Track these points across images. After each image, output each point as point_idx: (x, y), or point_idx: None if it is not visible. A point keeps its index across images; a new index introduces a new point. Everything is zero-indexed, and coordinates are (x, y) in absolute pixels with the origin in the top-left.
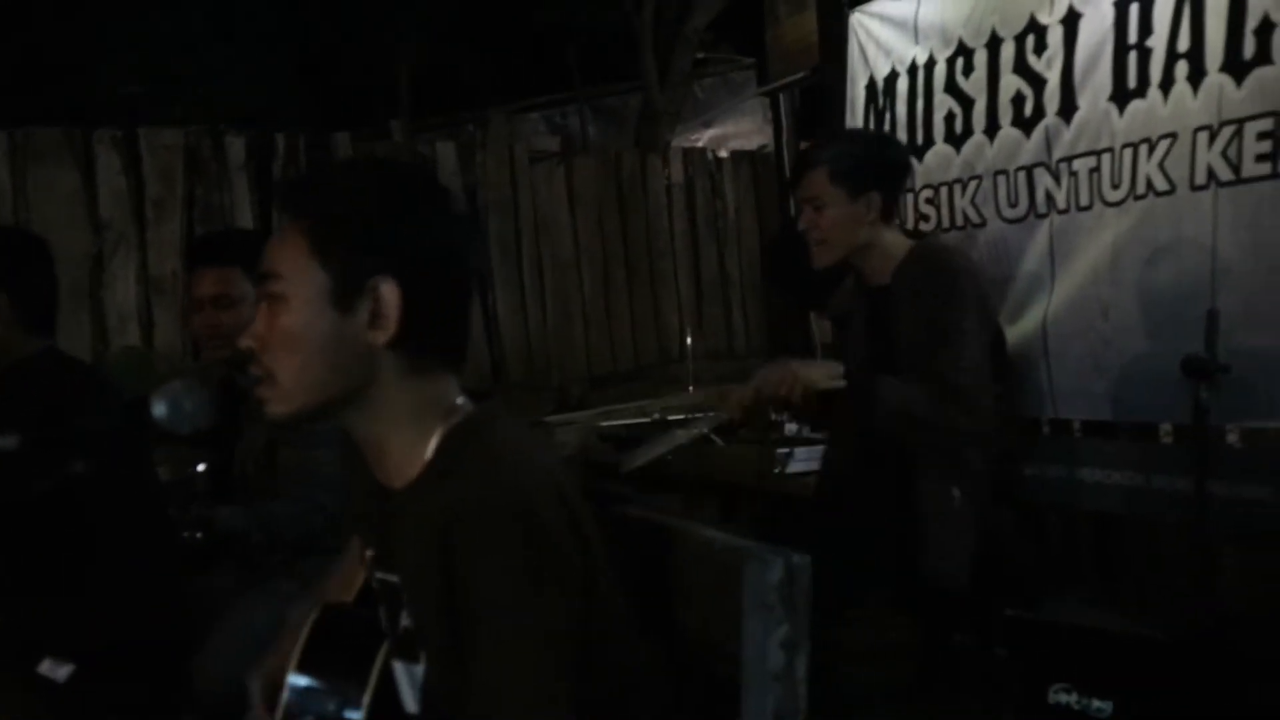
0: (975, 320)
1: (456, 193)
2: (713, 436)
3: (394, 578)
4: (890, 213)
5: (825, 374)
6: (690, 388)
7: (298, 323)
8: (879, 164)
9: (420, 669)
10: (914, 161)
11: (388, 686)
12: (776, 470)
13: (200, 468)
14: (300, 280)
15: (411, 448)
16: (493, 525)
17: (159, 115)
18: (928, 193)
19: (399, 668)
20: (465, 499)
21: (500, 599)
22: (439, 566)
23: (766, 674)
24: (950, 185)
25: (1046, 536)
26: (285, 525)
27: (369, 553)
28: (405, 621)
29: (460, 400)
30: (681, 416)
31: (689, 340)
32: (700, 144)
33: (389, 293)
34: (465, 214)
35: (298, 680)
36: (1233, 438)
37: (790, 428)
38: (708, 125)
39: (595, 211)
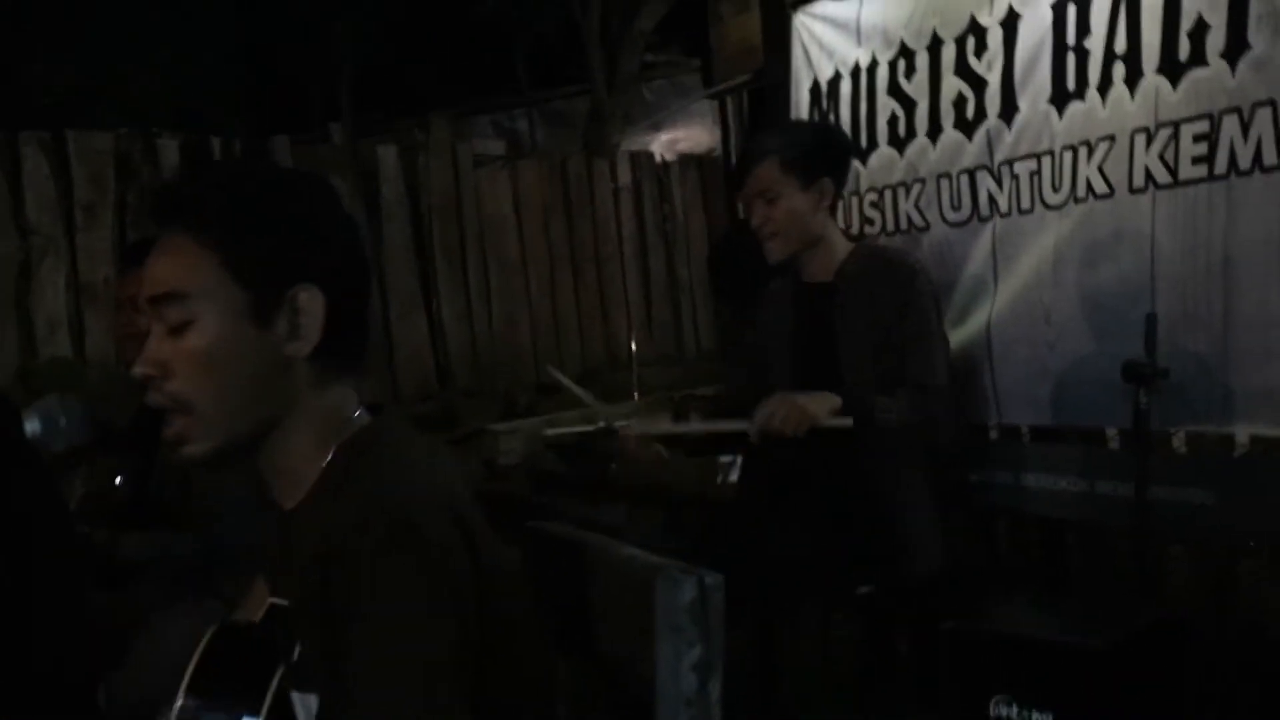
0: (937, 320)
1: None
2: (660, 447)
3: (285, 602)
4: (834, 204)
5: (826, 408)
6: (635, 394)
7: (214, 344)
8: (828, 150)
9: (314, 700)
10: (858, 165)
11: (285, 716)
12: (719, 479)
13: (119, 480)
14: (212, 299)
15: (306, 464)
16: (374, 547)
17: (89, 118)
18: (872, 196)
19: (295, 698)
20: (346, 519)
21: (381, 626)
22: (320, 591)
23: (679, 698)
24: (894, 188)
25: (993, 542)
26: (185, 562)
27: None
28: (299, 648)
29: (357, 413)
30: (627, 423)
31: (634, 346)
32: (650, 147)
33: (311, 301)
34: (352, 218)
35: (187, 703)
36: (1177, 442)
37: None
38: (656, 128)
39: (541, 215)
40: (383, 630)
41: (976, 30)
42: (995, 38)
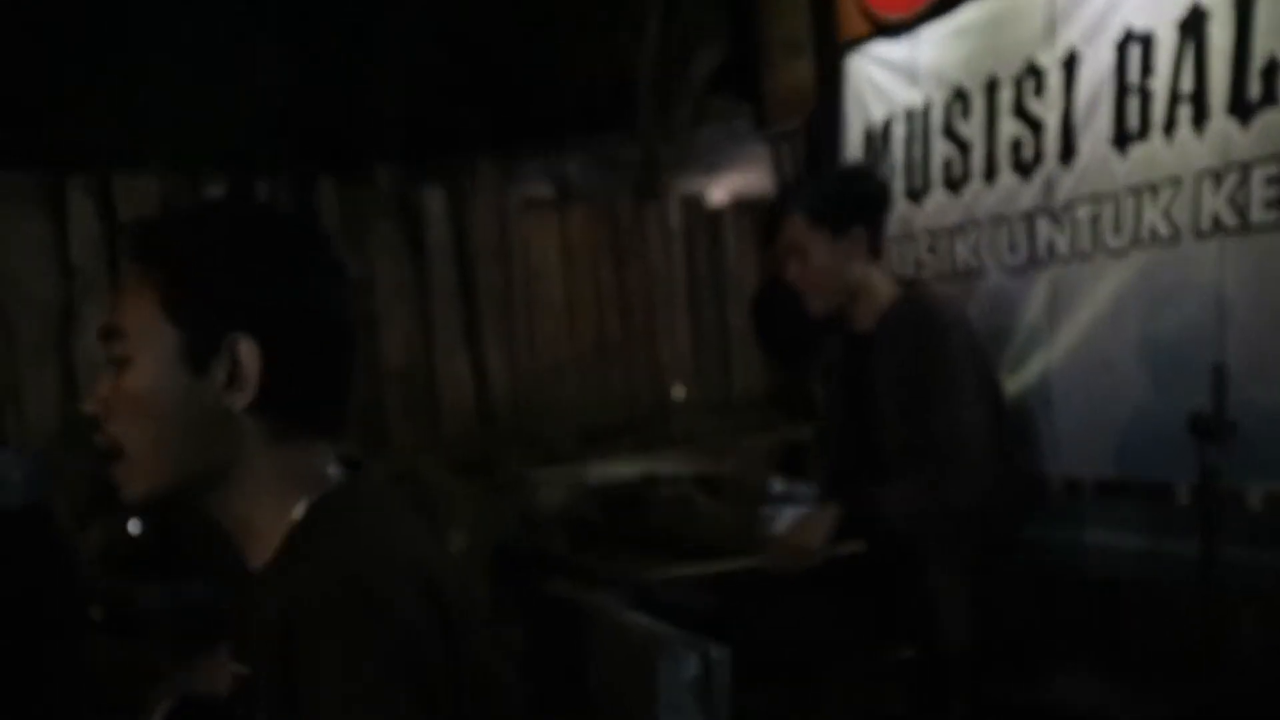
0: (970, 375)
1: (329, 239)
2: (694, 495)
3: (247, 671)
4: (876, 250)
5: (822, 533)
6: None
7: (145, 386)
8: (857, 197)
9: None
10: (912, 207)
11: None
12: (762, 531)
13: (133, 527)
14: (148, 338)
15: (269, 523)
16: (333, 621)
17: (135, 160)
18: (927, 239)
19: None
20: (307, 588)
21: (337, 707)
22: (281, 664)
23: None
24: (950, 231)
25: (1052, 601)
26: (204, 612)
27: (228, 644)
28: None
29: (332, 470)
30: (670, 473)
31: (676, 394)
32: (702, 192)
33: (247, 352)
34: (339, 263)
35: None
36: (1253, 500)
37: (775, 485)
38: (709, 173)
39: (590, 260)
40: (333, 712)
41: (1035, 71)
42: (1055, 78)
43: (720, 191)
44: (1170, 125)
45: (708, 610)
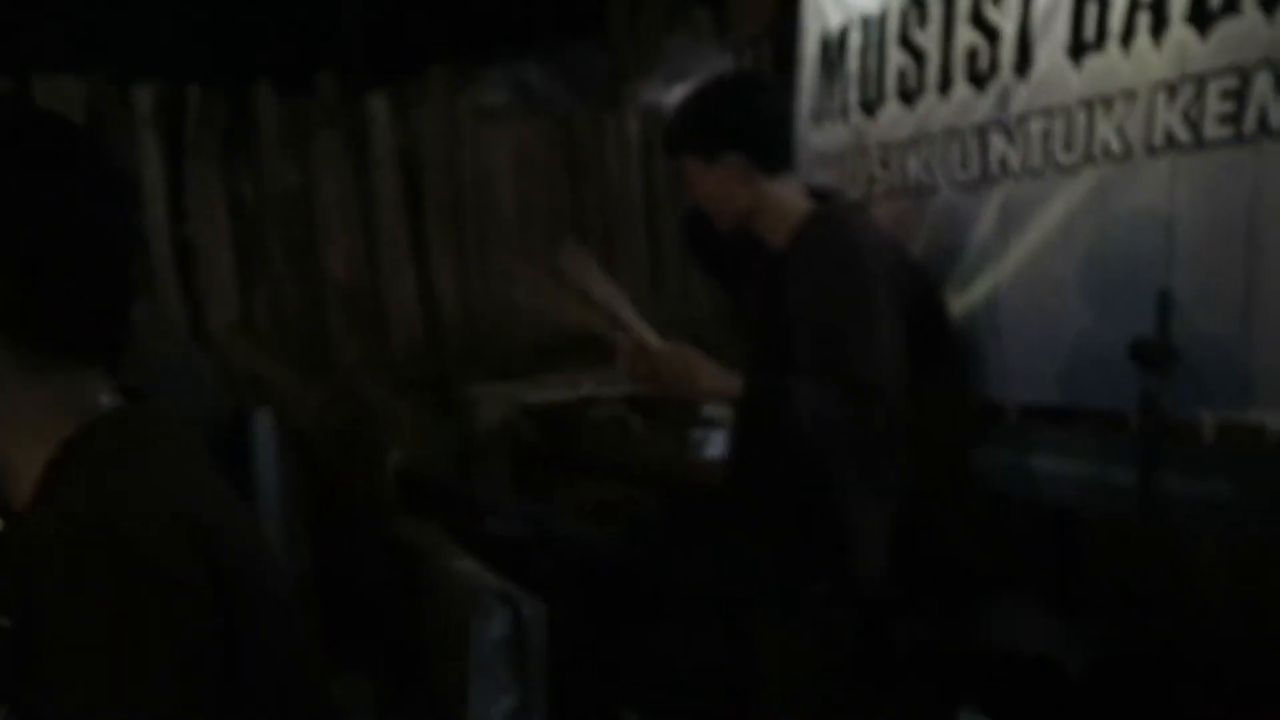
0: (883, 299)
1: (96, 142)
2: (628, 416)
3: (5, 621)
4: (773, 167)
5: (713, 387)
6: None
7: None
8: (724, 120)
9: None
10: (866, 120)
11: None
12: (691, 455)
13: None
14: None
15: (26, 459)
16: (78, 566)
17: (57, 61)
18: (879, 153)
19: None
20: (51, 530)
21: (82, 660)
22: (27, 612)
23: None
24: (902, 146)
25: (998, 529)
26: None
27: None
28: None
29: (106, 401)
30: (611, 395)
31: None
32: (665, 104)
33: None
34: (108, 169)
35: None
36: (1207, 432)
37: (707, 409)
38: (672, 84)
39: (546, 173)
40: (84, 669)
41: None
42: None
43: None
44: (1128, 34)
45: (611, 547)
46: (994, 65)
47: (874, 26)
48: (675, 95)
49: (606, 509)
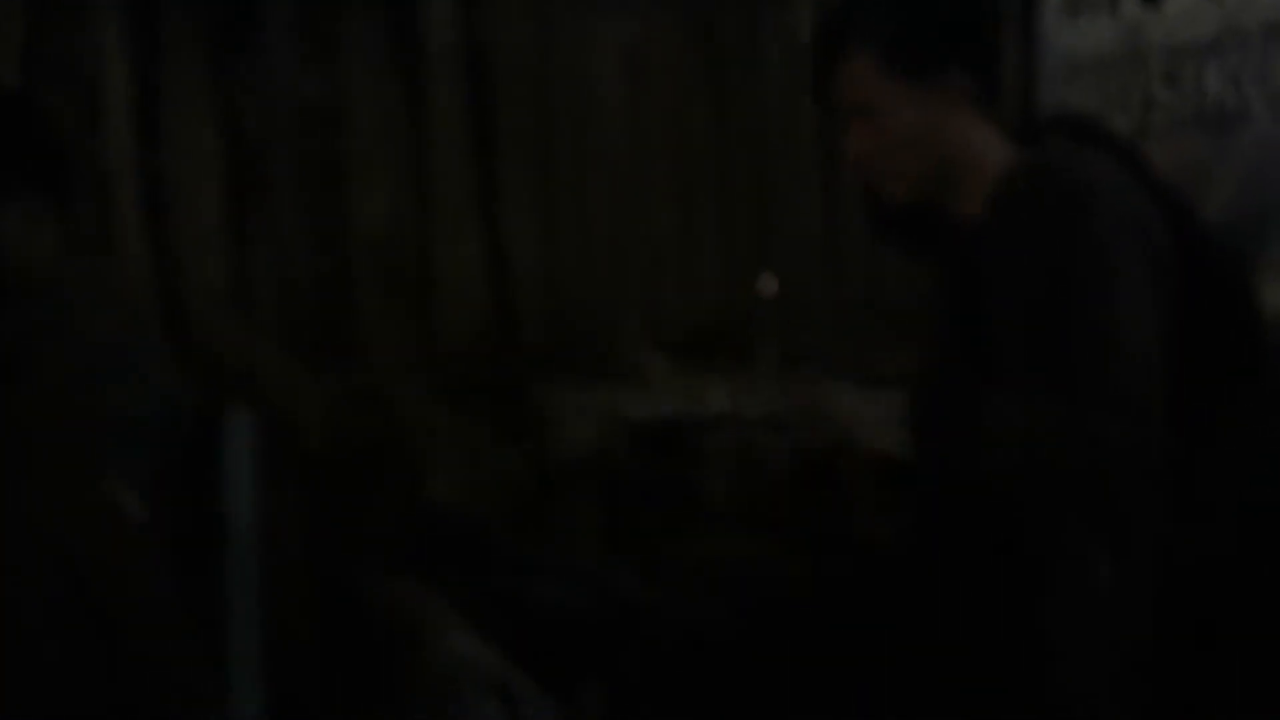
0: (1132, 267)
1: None
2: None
3: None
4: (986, 100)
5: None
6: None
7: None
8: (953, 19)
9: None
10: (1144, 10)
11: None
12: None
13: None
14: None
15: None
16: None
17: None
18: (1163, 61)
19: None
20: None
21: None
22: None
23: None
24: (1200, 51)
25: None
26: None
27: None
28: None
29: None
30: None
31: (766, 288)
32: None
33: None
34: None
35: None
36: None
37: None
38: None
39: (674, 90)
40: None
41: None
42: None
43: None
44: None
45: (717, 626)
46: None
47: None
48: None
49: (727, 572)
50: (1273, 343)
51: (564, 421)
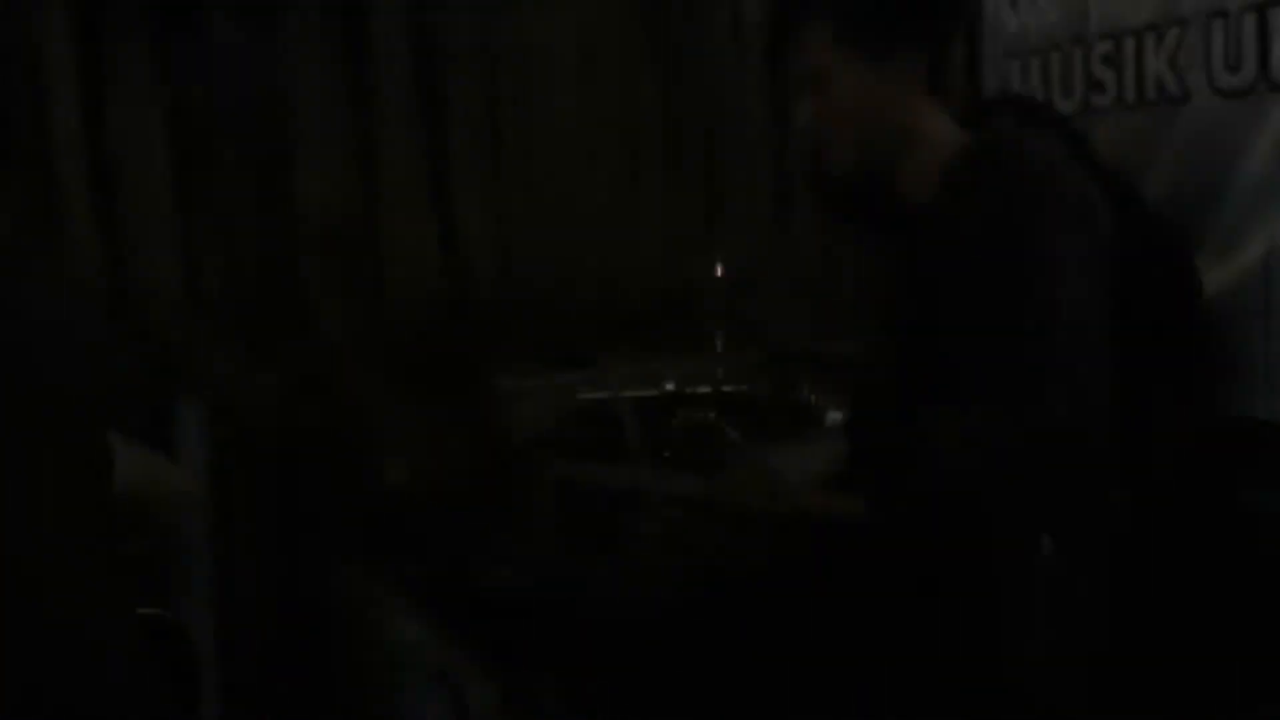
0: (1077, 250)
1: None
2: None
3: None
4: (937, 80)
5: (813, 477)
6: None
7: None
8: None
9: None
10: None
11: None
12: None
13: None
14: None
15: None
16: None
17: None
18: (1105, 46)
19: None
20: None
21: None
22: None
23: None
24: (1139, 33)
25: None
26: None
27: None
28: None
29: None
30: (707, 389)
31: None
32: None
33: None
34: None
35: None
36: None
37: (834, 415)
38: None
39: (622, 64)
40: None
41: None
42: None
43: None
44: None
45: (651, 618)
46: None
47: None
48: None
49: (680, 553)
50: (1210, 325)
51: (516, 402)
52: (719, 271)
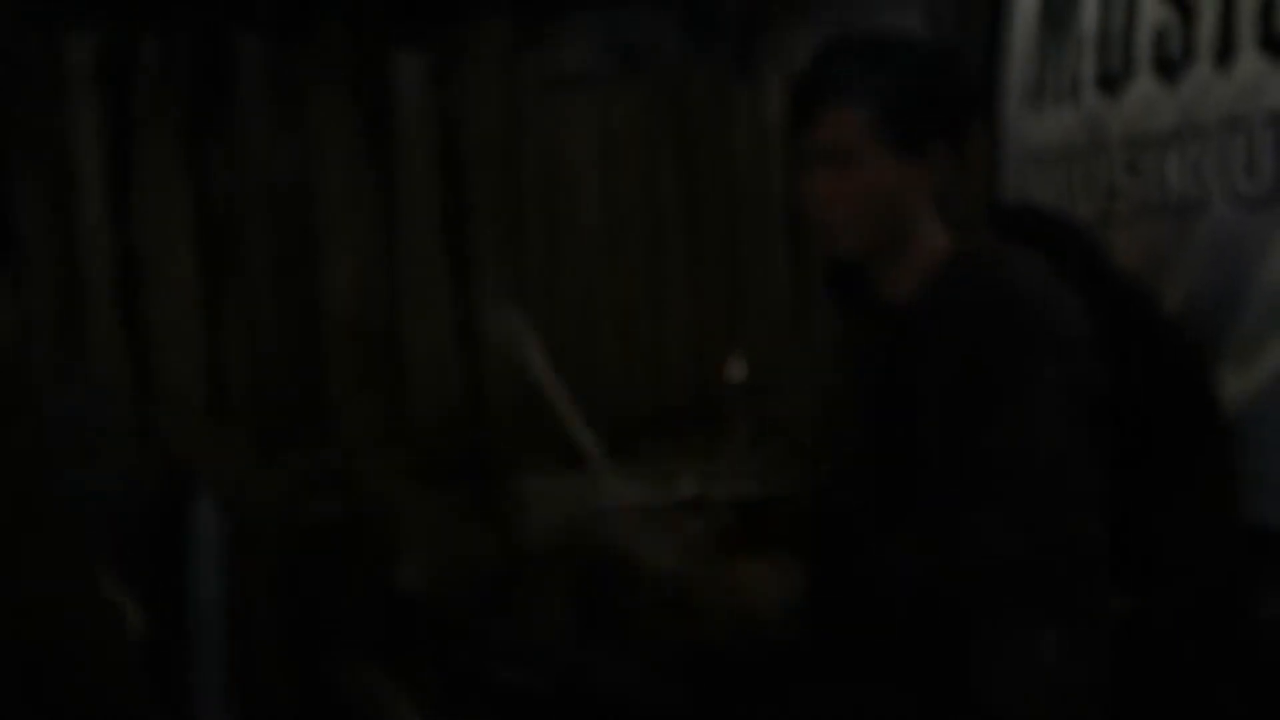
0: (1058, 377)
1: None
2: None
3: None
4: (955, 177)
5: (777, 597)
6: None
7: None
8: (951, 95)
9: None
10: (1106, 101)
11: None
12: None
13: None
14: None
15: None
16: None
17: None
18: (1125, 153)
19: None
20: None
21: None
22: None
23: None
24: (1160, 142)
25: None
26: None
27: None
28: None
29: None
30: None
31: (733, 372)
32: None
33: None
34: None
35: None
36: None
37: None
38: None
39: (645, 164)
40: None
41: None
42: None
43: None
44: None
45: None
46: None
47: None
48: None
49: (698, 656)
50: (1227, 434)
51: (533, 504)
52: (743, 372)
